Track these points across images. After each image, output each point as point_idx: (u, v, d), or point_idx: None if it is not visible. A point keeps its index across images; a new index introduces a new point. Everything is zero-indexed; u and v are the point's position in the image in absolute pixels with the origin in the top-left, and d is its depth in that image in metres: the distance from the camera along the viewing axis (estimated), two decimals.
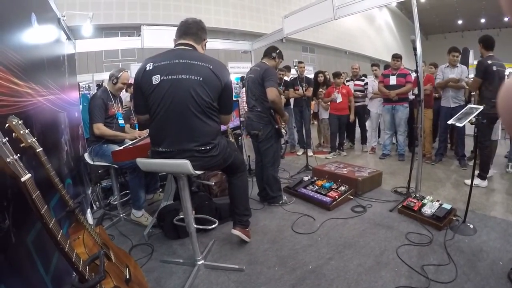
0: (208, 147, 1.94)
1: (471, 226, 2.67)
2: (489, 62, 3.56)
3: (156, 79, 1.89)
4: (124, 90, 4.15)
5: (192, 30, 2.04)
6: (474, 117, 2.50)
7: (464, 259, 2.24)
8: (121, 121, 3.13)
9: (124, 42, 5.28)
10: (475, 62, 7.58)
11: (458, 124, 2.55)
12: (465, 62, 5.41)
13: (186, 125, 1.89)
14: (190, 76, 1.86)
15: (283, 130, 3.29)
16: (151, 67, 1.93)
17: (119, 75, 3.07)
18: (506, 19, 22.45)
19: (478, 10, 22.07)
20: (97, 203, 3.56)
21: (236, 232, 2.42)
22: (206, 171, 2.12)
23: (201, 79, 1.86)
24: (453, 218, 2.76)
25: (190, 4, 13.75)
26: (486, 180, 3.78)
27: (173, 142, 1.93)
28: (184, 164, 1.87)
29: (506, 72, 3.99)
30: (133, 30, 9.12)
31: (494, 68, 3.54)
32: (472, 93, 4.71)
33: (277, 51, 3.33)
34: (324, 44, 20.02)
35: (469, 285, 1.96)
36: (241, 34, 14.89)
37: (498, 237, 2.53)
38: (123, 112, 3.23)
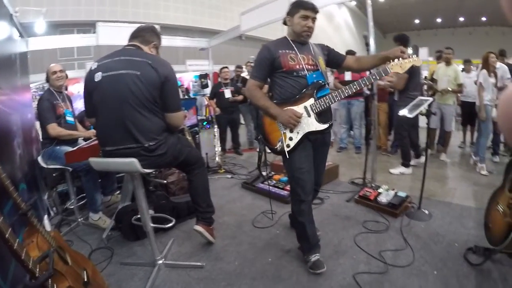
0: (151, 143, 1.90)
1: (426, 212, 2.81)
2: None
3: (97, 76, 1.90)
4: None
5: (140, 33, 2.08)
6: (424, 108, 2.63)
7: (421, 243, 2.35)
8: (69, 118, 3.02)
9: (80, 39, 5.06)
10: (431, 59, 7.97)
11: (408, 115, 2.67)
12: None
13: (127, 120, 1.86)
14: (128, 71, 1.86)
15: (279, 144, 2.07)
16: (95, 66, 1.95)
17: (47, 70, 3.01)
18: (461, 19, 23.83)
19: (434, 10, 23.19)
20: (54, 208, 3.40)
21: (198, 228, 2.35)
22: (156, 169, 2.07)
23: (138, 73, 1.85)
24: (409, 205, 2.90)
25: (148, 1, 13.39)
26: (410, 167, 4.06)
27: (118, 139, 1.90)
28: (131, 163, 1.84)
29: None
30: (90, 27, 8.76)
31: None
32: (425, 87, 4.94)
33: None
34: None
35: (427, 267, 2.06)
36: (200, 31, 14.54)
37: (453, 221, 2.69)
38: (72, 110, 3.13)
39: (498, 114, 0.40)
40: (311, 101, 2.03)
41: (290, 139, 2.04)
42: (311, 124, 2.03)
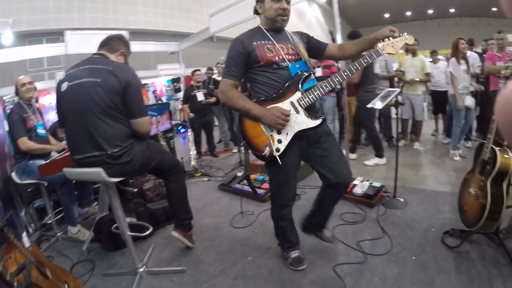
0: (115, 150, 1.88)
1: (402, 200, 2.89)
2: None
3: (64, 86, 1.93)
4: None
5: (108, 42, 2.10)
6: (392, 99, 2.71)
7: (398, 231, 2.42)
8: (40, 131, 2.96)
9: (48, 49, 4.94)
10: (401, 51, 8.25)
11: (376, 107, 2.75)
12: None
13: (91, 128, 1.86)
14: (90, 79, 1.87)
15: (267, 149, 1.82)
16: (63, 76, 1.99)
17: (16, 83, 2.96)
18: (430, 11, 24.43)
19: (403, 4, 23.66)
20: (32, 225, 3.33)
21: (176, 234, 2.34)
22: (125, 177, 2.03)
23: (99, 80, 1.86)
24: (384, 194, 2.97)
25: (117, 6, 13.07)
26: (384, 157, 4.17)
27: (84, 147, 1.89)
28: (98, 173, 1.84)
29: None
30: (59, 35, 8.54)
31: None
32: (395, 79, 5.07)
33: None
34: None
35: (405, 253, 2.12)
36: (171, 35, 14.29)
37: (429, 207, 2.77)
38: (43, 122, 3.07)
39: (496, 113, 0.39)
40: (298, 95, 1.79)
41: (279, 141, 1.79)
42: (301, 121, 1.79)
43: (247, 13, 3.96)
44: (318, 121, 1.80)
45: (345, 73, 1.76)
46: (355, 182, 3.13)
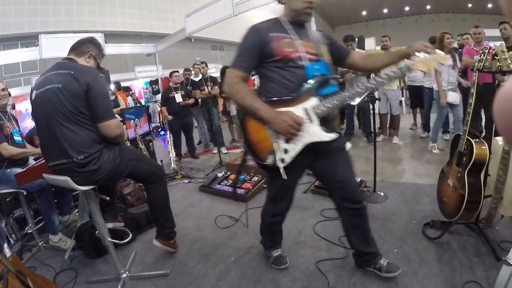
0: (80, 157, 1.82)
1: (382, 194, 2.95)
2: None
3: (33, 95, 1.92)
4: None
5: (77, 45, 2.05)
6: (366, 95, 2.76)
7: (379, 224, 2.45)
8: (17, 138, 2.90)
9: (23, 53, 4.84)
10: (378, 48, 8.50)
11: (352, 103, 2.80)
12: (361, 49, 5.91)
13: (58, 135, 1.82)
14: (53, 85, 1.84)
15: (271, 158, 1.62)
16: (33, 84, 2.01)
17: None
18: (406, 8, 24.87)
19: (380, 1, 23.96)
20: (13, 235, 3.25)
21: (158, 244, 2.31)
22: (95, 185, 1.97)
23: (60, 85, 1.82)
24: (364, 189, 3.02)
25: (94, 8, 12.80)
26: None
27: (54, 155, 1.88)
28: (65, 181, 1.83)
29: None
30: (35, 39, 8.31)
31: None
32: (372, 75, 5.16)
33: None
34: (232, 41, 19.12)
35: (387, 247, 2.15)
36: (149, 36, 14.08)
37: (409, 200, 2.82)
38: (19, 129, 3.02)
39: (495, 113, 0.37)
40: (314, 101, 1.55)
41: (286, 151, 1.57)
42: (313, 133, 1.55)
43: (222, 13, 3.99)
44: (334, 136, 1.56)
45: (372, 85, 1.57)
46: None
